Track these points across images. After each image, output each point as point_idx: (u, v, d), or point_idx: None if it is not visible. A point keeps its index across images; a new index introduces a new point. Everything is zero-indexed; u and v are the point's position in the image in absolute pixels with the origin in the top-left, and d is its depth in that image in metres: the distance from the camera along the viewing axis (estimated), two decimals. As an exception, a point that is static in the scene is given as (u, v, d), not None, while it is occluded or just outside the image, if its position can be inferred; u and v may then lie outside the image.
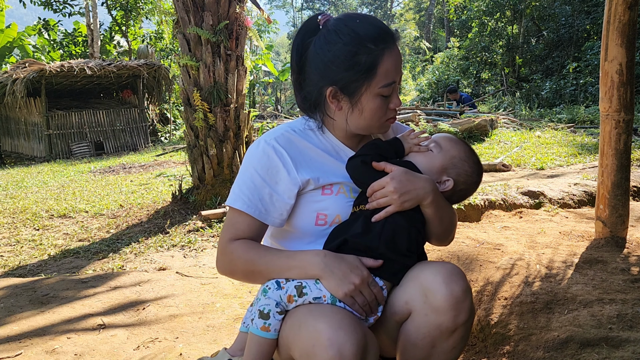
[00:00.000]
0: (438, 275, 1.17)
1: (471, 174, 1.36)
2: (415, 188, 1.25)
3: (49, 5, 15.99)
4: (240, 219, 1.31)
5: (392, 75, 1.25)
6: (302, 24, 1.33)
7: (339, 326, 1.07)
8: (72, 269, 3.49)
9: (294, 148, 1.33)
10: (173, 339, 2.20)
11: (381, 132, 1.37)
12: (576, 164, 6.04)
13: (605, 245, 2.61)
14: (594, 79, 13.67)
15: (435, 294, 1.15)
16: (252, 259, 1.26)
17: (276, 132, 1.36)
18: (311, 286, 1.19)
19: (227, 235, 1.32)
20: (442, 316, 1.15)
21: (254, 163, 1.31)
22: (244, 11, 5.04)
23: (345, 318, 1.11)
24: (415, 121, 9.47)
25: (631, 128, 2.62)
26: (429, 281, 1.17)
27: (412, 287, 1.20)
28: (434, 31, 29.77)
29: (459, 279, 1.17)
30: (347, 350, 1.04)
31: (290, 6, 49.39)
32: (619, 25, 2.51)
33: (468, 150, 1.38)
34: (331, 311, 1.13)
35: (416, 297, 1.19)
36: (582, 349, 1.63)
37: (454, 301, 1.14)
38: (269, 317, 1.18)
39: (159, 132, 16.10)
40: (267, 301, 1.19)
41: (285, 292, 1.20)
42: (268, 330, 1.18)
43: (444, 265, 1.20)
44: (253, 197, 1.29)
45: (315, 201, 1.31)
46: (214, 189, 4.92)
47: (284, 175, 1.29)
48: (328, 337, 1.05)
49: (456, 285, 1.15)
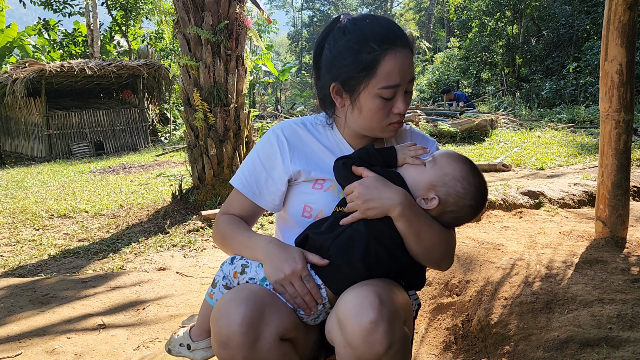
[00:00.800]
0: (349, 304, 1.10)
1: (463, 196, 1.23)
2: (380, 197, 1.19)
3: (49, 5, 15.99)
4: (236, 197, 1.43)
5: (395, 77, 1.23)
6: (326, 24, 1.35)
7: (232, 298, 1.12)
8: (72, 269, 3.49)
9: (297, 139, 1.39)
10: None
11: (384, 135, 1.35)
12: (576, 164, 6.04)
13: (605, 245, 2.60)
14: (594, 79, 13.67)
15: (346, 326, 1.08)
16: (226, 233, 1.37)
17: (286, 123, 1.44)
18: (252, 267, 1.26)
19: (222, 208, 1.46)
20: (358, 349, 1.07)
21: (258, 148, 1.42)
22: (244, 11, 5.04)
23: (244, 291, 1.14)
24: (415, 121, 9.48)
25: (631, 128, 2.61)
26: (342, 312, 1.11)
27: (333, 315, 1.15)
28: (434, 31, 29.78)
29: (369, 308, 1.07)
30: (234, 322, 1.08)
31: (290, 6, 49.40)
32: (619, 25, 2.51)
33: (467, 171, 1.25)
34: (243, 288, 1.17)
35: (334, 327, 1.13)
36: (582, 349, 1.63)
37: (364, 334, 1.06)
38: (215, 286, 1.29)
39: (159, 132, 16.11)
40: (219, 272, 1.30)
41: (234, 268, 1.28)
42: (212, 298, 1.30)
43: (359, 292, 1.11)
44: (250, 179, 1.40)
45: (305, 193, 1.37)
46: (214, 189, 4.92)
47: (279, 162, 1.37)
48: (219, 309, 1.12)
49: (364, 317, 1.06)
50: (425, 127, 8.90)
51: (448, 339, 2.15)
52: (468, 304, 2.21)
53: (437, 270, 2.60)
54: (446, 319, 2.27)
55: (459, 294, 2.36)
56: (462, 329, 2.14)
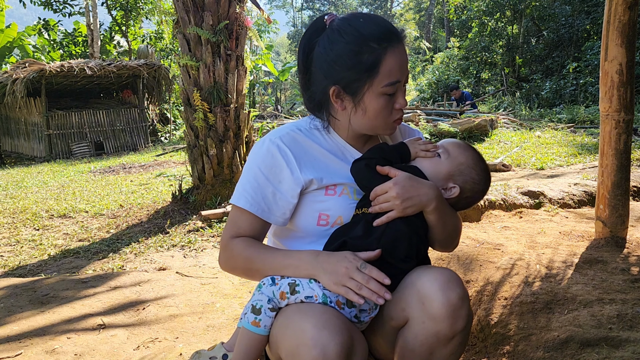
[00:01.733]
0: (435, 282, 1.15)
1: (478, 181, 1.33)
2: (418, 194, 1.23)
3: (49, 5, 15.99)
4: (243, 217, 1.32)
5: (396, 74, 1.24)
6: (309, 24, 1.33)
7: (324, 326, 1.07)
8: (72, 269, 3.49)
9: (299, 147, 1.32)
10: (173, 339, 2.20)
11: (387, 133, 1.36)
12: (576, 164, 6.04)
13: (605, 245, 2.60)
14: (594, 79, 13.67)
15: (432, 301, 1.14)
16: (251, 257, 1.28)
17: (281, 131, 1.35)
18: (304, 284, 1.19)
19: (229, 232, 1.33)
20: (440, 324, 1.14)
21: (258, 162, 1.31)
22: (244, 11, 5.04)
23: (332, 318, 1.10)
24: (415, 121, 9.47)
25: (631, 128, 2.61)
26: (426, 288, 1.15)
27: (409, 293, 1.19)
28: (434, 31, 29.78)
29: (456, 286, 1.15)
30: (330, 351, 1.04)
31: (290, 6, 49.39)
32: (619, 25, 2.51)
33: (476, 158, 1.35)
34: (319, 311, 1.12)
35: (413, 304, 1.17)
36: (582, 349, 1.63)
37: (451, 309, 1.13)
38: (260, 312, 1.18)
39: (159, 132, 16.10)
40: (260, 297, 1.20)
41: (279, 288, 1.20)
42: (258, 325, 1.18)
43: (442, 272, 1.18)
44: (256, 196, 1.30)
45: (318, 201, 1.31)
46: (214, 189, 4.92)
47: (287, 174, 1.29)
48: (312, 337, 1.05)
49: (453, 293, 1.14)
50: (426, 127, 8.90)
51: (448, 339, 2.14)
52: (468, 304, 2.21)
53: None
54: (446, 319, 2.27)
55: (459, 294, 2.35)
56: (462, 329, 2.13)
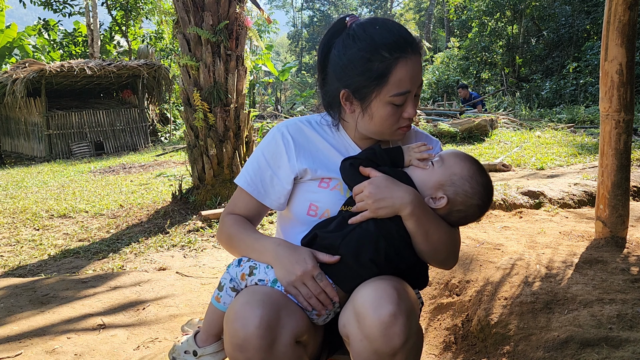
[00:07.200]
0: (368, 298, 1.10)
1: (472, 195, 1.25)
2: (392, 196, 1.21)
3: (49, 5, 16.00)
4: (241, 196, 1.41)
5: (406, 84, 1.23)
6: (331, 24, 1.34)
7: (247, 301, 1.11)
8: (72, 269, 3.49)
9: (303, 137, 1.39)
10: (173, 339, 2.20)
11: (393, 139, 1.37)
12: (576, 164, 6.03)
13: (605, 245, 2.60)
14: (594, 79, 13.67)
15: (364, 319, 1.09)
16: (232, 235, 1.36)
17: (291, 121, 1.43)
18: (261, 268, 1.24)
19: (227, 208, 1.44)
20: (375, 343, 1.08)
21: (263, 147, 1.40)
22: (244, 11, 5.04)
23: (260, 295, 1.13)
24: (415, 121, 9.48)
25: (631, 128, 2.61)
26: (359, 305, 1.11)
27: (348, 309, 1.16)
28: (434, 31, 29.75)
29: (388, 302, 1.08)
30: (251, 324, 1.07)
31: (290, 6, 49.38)
32: (619, 25, 2.51)
33: (474, 170, 1.27)
34: (256, 291, 1.16)
35: (351, 320, 1.13)
36: (582, 349, 1.63)
37: (382, 327, 1.07)
38: (222, 289, 1.27)
39: (159, 132, 16.10)
40: (226, 275, 1.29)
41: (241, 270, 1.26)
42: (219, 301, 1.27)
43: (376, 287, 1.12)
44: (255, 178, 1.38)
45: (311, 191, 1.36)
46: (214, 189, 4.92)
47: (285, 160, 1.36)
48: (236, 311, 1.10)
49: (384, 310, 1.07)
50: (426, 127, 8.90)
51: (448, 339, 2.15)
52: (468, 304, 2.21)
53: (437, 270, 2.60)
54: (446, 319, 2.27)
55: (459, 294, 2.36)
56: (462, 329, 2.14)
